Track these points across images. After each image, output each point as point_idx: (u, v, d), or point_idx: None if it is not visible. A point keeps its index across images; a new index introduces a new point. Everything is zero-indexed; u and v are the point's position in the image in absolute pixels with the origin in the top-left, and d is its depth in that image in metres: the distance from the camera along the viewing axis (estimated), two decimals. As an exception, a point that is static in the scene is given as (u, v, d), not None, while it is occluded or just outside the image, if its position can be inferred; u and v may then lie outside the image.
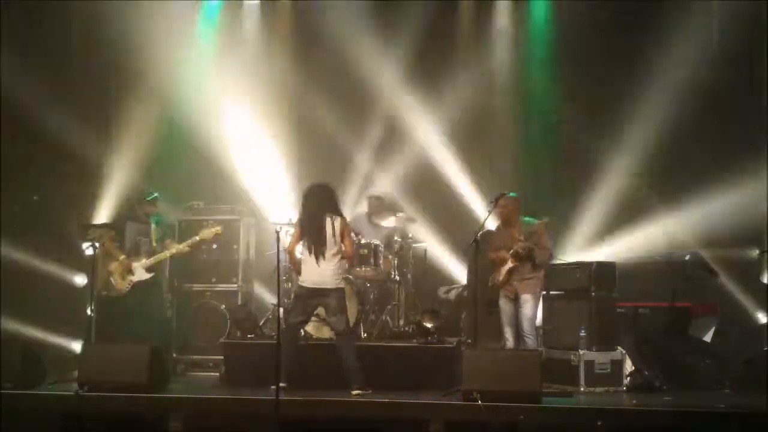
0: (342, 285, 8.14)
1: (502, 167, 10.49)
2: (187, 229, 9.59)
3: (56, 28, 10.68)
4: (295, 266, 8.27)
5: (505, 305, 8.44)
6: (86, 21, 10.70)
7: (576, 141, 10.40)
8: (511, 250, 8.30)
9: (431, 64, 10.76)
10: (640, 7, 10.39)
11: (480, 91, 10.57)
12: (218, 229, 9.21)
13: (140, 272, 8.98)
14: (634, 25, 10.37)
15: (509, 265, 8.32)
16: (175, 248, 9.09)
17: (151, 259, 9.01)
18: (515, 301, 8.38)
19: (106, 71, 10.80)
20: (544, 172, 10.40)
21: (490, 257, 8.55)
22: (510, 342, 8.38)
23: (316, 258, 8.00)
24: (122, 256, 8.99)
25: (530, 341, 8.25)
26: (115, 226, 9.21)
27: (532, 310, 8.31)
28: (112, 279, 9.00)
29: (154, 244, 9.11)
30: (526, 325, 8.28)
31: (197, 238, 9.12)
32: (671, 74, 10.15)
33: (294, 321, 8.18)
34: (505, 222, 8.53)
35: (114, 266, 9.00)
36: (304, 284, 8.10)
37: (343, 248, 8.07)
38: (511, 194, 8.50)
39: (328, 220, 8.02)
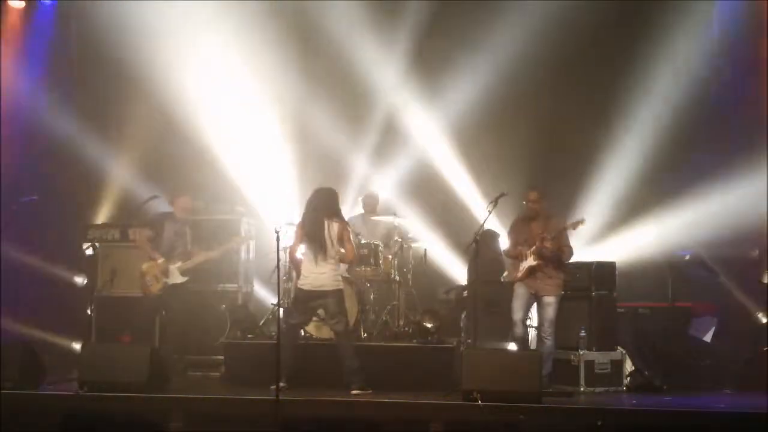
0: (340, 286, 8.13)
1: (502, 167, 10.47)
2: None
3: (57, 31, 10.72)
4: (296, 268, 8.28)
5: (521, 291, 8.28)
6: (86, 21, 10.72)
7: (575, 140, 10.40)
8: (533, 248, 8.20)
9: (431, 63, 10.76)
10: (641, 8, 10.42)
11: (480, 90, 10.57)
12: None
13: (176, 275, 8.84)
14: (634, 25, 10.39)
15: (531, 262, 8.23)
16: (208, 254, 9.03)
17: (187, 263, 8.88)
18: (534, 296, 8.30)
19: (106, 72, 10.81)
20: (543, 171, 10.38)
21: (509, 253, 8.51)
22: (519, 328, 8.26)
23: (315, 260, 8.00)
24: (161, 259, 8.81)
25: (549, 343, 8.22)
26: (154, 226, 8.95)
27: (554, 313, 8.24)
28: (145, 279, 8.82)
29: (189, 246, 8.99)
30: (546, 327, 8.23)
31: (230, 245, 9.18)
32: (670, 73, 10.16)
33: (294, 322, 8.19)
34: (532, 217, 8.40)
35: (147, 266, 8.83)
36: (303, 287, 8.09)
37: (342, 252, 8.06)
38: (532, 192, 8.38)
39: (327, 224, 8.03)
